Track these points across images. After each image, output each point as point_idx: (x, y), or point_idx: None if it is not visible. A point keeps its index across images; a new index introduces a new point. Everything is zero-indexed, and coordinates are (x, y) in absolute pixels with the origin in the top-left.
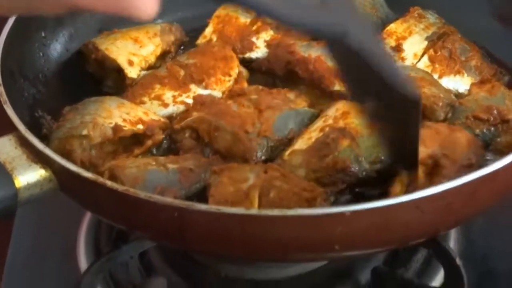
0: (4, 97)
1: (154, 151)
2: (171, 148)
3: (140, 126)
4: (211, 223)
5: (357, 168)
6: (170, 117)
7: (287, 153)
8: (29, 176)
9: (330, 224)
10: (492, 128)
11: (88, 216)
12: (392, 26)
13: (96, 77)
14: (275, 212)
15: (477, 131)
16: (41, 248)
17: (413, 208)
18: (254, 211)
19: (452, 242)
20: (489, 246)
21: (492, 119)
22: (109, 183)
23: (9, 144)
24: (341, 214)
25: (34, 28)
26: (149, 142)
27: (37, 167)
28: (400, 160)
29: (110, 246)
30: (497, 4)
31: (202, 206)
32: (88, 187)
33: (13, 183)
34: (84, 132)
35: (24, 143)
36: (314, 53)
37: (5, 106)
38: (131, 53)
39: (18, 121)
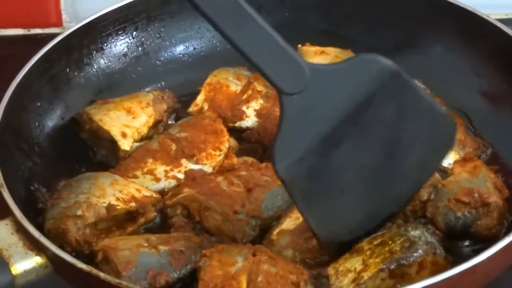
0: (1, 180)
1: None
2: (163, 223)
3: (133, 204)
4: None
5: None
6: (162, 192)
7: (275, 232)
8: (25, 263)
9: None
10: (473, 211)
11: None
12: None
13: (90, 145)
14: None
15: (459, 214)
16: None
17: None
18: None
19: None
20: None
21: (473, 202)
22: (102, 275)
23: (5, 230)
24: None
25: (30, 99)
26: (141, 220)
27: (33, 254)
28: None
29: None
30: (485, 81)
31: None
32: (83, 276)
33: (10, 271)
34: (79, 212)
35: (20, 228)
36: None
37: (1, 190)
38: (124, 124)
39: (15, 206)
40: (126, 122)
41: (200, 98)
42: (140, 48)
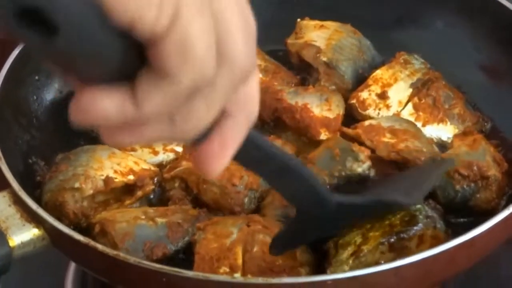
0: None
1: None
2: (162, 196)
3: (131, 177)
4: None
5: None
6: (160, 165)
7: (267, 199)
8: (22, 235)
9: None
10: (472, 184)
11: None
12: (378, 73)
13: None
14: (260, 280)
15: (458, 186)
16: None
17: (391, 276)
18: (240, 279)
19: None
20: None
21: (472, 175)
22: (100, 247)
23: (3, 202)
24: (323, 282)
25: (28, 72)
26: (139, 193)
27: (31, 227)
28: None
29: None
30: (485, 56)
31: (189, 273)
32: (80, 248)
33: (7, 243)
34: (76, 184)
35: (18, 200)
36: (301, 101)
37: None
38: None
39: (13, 178)
40: None
41: None
42: None
